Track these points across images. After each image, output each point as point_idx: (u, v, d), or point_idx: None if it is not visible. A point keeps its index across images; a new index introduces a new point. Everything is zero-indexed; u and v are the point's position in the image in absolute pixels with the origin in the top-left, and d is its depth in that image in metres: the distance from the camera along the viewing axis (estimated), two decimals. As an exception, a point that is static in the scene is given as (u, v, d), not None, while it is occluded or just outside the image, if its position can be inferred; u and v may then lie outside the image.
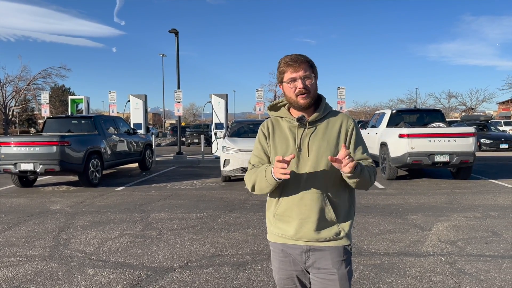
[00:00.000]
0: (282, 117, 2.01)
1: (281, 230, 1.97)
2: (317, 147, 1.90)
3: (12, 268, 4.25)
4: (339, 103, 15.19)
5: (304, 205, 1.89)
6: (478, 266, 4.15)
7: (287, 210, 1.93)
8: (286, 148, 1.94)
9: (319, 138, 1.92)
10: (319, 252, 1.91)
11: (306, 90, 1.88)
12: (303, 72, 1.88)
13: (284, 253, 1.98)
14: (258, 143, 2.04)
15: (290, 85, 1.90)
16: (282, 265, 2.00)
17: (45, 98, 17.38)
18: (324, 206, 1.89)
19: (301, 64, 1.88)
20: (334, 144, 1.91)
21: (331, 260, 1.90)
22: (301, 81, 1.88)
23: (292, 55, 1.92)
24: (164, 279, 3.91)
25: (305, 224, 1.89)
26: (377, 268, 4.11)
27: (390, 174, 9.89)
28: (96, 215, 6.62)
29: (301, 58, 1.90)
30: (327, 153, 1.88)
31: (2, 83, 36.99)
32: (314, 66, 1.95)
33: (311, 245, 1.91)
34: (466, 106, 50.65)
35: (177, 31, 16.28)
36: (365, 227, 5.66)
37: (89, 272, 4.10)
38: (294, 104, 1.93)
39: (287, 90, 1.93)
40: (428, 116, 11.28)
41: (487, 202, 7.23)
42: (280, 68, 1.93)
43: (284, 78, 1.92)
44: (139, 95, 15.97)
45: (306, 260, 1.93)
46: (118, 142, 11.19)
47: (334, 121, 1.96)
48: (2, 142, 9.21)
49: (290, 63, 1.89)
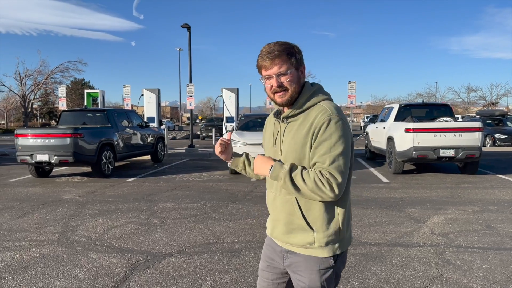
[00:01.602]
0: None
1: (267, 224, 2.02)
2: (287, 145, 1.78)
3: (22, 251, 4.56)
4: (350, 97, 15.24)
5: (276, 207, 1.85)
6: (465, 257, 4.27)
7: (268, 206, 1.95)
8: (268, 142, 1.94)
9: (291, 135, 1.77)
10: (295, 256, 1.82)
11: (282, 88, 1.73)
12: (277, 69, 1.71)
13: (268, 248, 1.98)
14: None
15: (266, 82, 1.77)
16: (265, 258, 1.99)
17: (62, 91, 17.89)
18: (293, 210, 1.77)
19: (275, 59, 1.70)
20: (301, 144, 1.72)
21: (305, 267, 1.79)
22: (275, 79, 1.72)
23: (268, 46, 1.73)
24: (161, 263, 4.15)
25: (277, 225, 1.86)
26: (364, 257, 4.28)
27: (396, 168, 9.96)
28: (105, 204, 6.93)
29: (276, 52, 1.70)
30: (293, 154, 1.74)
31: (22, 77, 37.96)
32: (297, 54, 1.75)
33: (285, 247, 1.85)
34: (486, 100, 49.73)
35: (189, 26, 16.52)
36: (361, 218, 5.81)
37: (92, 256, 4.38)
38: (272, 101, 1.82)
39: (265, 87, 1.79)
40: (436, 110, 11.26)
41: (488, 197, 7.28)
42: (257, 62, 1.77)
43: (261, 74, 1.78)
44: (152, 89, 16.30)
45: (284, 260, 1.87)
46: (131, 135, 11.52)
47: (310, 117, 1.73)
48: (19, 134, 9.62)
49: (264, 58, 1.72)
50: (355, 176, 9.85)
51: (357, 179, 9.35)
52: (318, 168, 1.67)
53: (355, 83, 15.33)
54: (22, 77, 38.36)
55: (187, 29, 16.63)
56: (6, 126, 47.70)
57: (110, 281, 3.71)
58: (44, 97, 45.97)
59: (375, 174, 10.11)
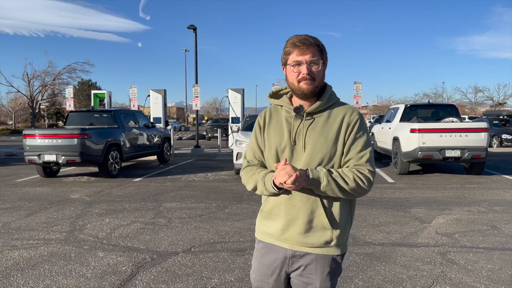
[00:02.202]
0: (282, 106, 1.85)
1: (267, 229, 1.84)
2: (313, 142, 1.72)
3: (30, 250, 4.63)
4: (355, 98, 15.22)
5: (293, 205, 1.74)
6: (469, 257, 4.28)
7: (275, 208, 1.80)
8: (279, 140, 1.78)
9: (317, 132, 1.73)
10: (305, 258, 1.76)
11: (311, 76, 1.69)
12: (310, 56, 1.68)
13: (267, 255, 1.85)
14: (254, 135, 1.88)
15: (294, 69, 1.70)
16: (260, 266, 1.87)
17: (70, 92, 18.04)
18: (315, 209, 1.72)
19: (310, 47, 1.68)
20: (333, 141, 1.72)
21: (315, 269, 1.75)
22: (306, 66, 1.68)
23: (301, 35, 1.71)
24: (166, 262, 4.20)
25: (292, 225, 1.75)
26: (368, 256, 4.30)
27: (401, 169, 9.95)
28: (112, 204, 7.00)
29: (311, 40, 1.70)
30: (323, 150, 1.71)
31: (29, 78, 38.32)
32: (325, 51, 1.75)
33: (297, 249, 1.76)
34: (493, 101, 49.41)
35: (195, 27, 16.60)
36: (366, 219, 5.82)
37: (99, 255, 4.44)
38: (295, 90, 1.74)
39: (289, 74, 1.74)
40: (442, 111, 11.24)
41: (494, 197, 7.26)
42: (286, 48, 1.73)
43: (289, 60, 1.72)
44: (158, 90, 16.40)
45: (290, 266, 1.79)
46: (137, 135, 11.61)
47: (337, 114, 1.75)
48: (27, 135, 9.74)
49: (297, 44, 1.68)
50: (361, 176, 9.84)
51: (363, 180, 9.33)
52: (355, 165, 1.72)
53: (361, 84, 15.32)
54: (30, 78, 38.75)
55: (193, 30, 16.71)
56: (14, 126, 48.14)
57: (116, 279, 3.77)
58: (51, 98, 46.33)
59: (380, 175, 10.11)
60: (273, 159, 1.79)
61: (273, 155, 1.79)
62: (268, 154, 1.81)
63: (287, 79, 1.77)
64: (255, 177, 1.79)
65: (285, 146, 1.76)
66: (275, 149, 1.78)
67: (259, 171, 1.79)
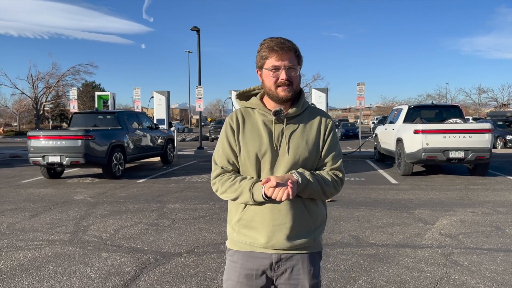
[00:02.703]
0: (253, 109, 1.80)
1: (248, 238, 1.75)
2: (295, 145, 1.72)
3: (35, 251, 4.66)
4: (359, 99, 15.21)
5: (279, 211, 1.70)
6: (473, 258, 4.27)
7: (257, 215, 1.72)
8: (259, 145, 1.72)
9: (298, 135, 1.74)
10: (291, 261, 1.76)
11: (290, 82, 1.69)
12: (288, 62, 1.68)
13: (248, 264, 1.77)
14: (225, 139, 1.78)
15: (272, 73, 1.69)
16: (241, 278, 1.77)
17: (74, 94, 18.11)
18: (301, 212, 1.73)
19: (288, 52, 1.68)
20: (314, 144, 1.75)
21: (303, 269, 1.76)
22: (285, 72, 1.67)
23: (278, 38, 1.70)
24: (170, 262, 4.22)
25: (279, 231, 1.71)
26: (372, 257, 4.29)
27: (405, 170, 9.93)
28: (115, 205, 7.02)
29: (289, 44, 1.70)
30: (305, 154, 1.72)
31: (34, 79, 38.52)
32: (301, 56, 1.75)
33: (283, 253, 1.74)
34: (497, 101, 49.23)
35: (199, 28, 16.65)
36: (369, 220, 5.82)
37: (103, 256, 4.46)
38: (271, 95, 1.73)
39: (266, 78, 1.72)
40: (446, 112, 11.22)
41: (498, 198, 7.24)
42: (263, 52, 1.70)
43: (266, 64, 1.70)
44: (162, 91, 16.43)
45: (275, 271, 1.76)
46: (141, 136, 11.65)
47: (313, 119, 1.79)
48: (32, 136, 9.79)
49: (275, 48, 1.67)
50: (364, 178, 9.85)
51: (366, 181, 9.34)
52: (331, 168, 1.78)
53: (364, 85, 15.31)
54: (34, 80, 38.99)
55: (196, 31, 16.76)
56: (18, 128, 48.37)
57: (120, 280, 3.78)
58: (55, 99, 46.59)
59: (384, 176, 10.09)
60: (252, 165, 1.73)
61: (252, 161, 1.73)
62: (246, 159, 1.74)
63: (263, 83, 1.75)
64: (236, 186, 1.71)
65: (266, 151, 1.71)
66: (254, 155, 1.72)
67: (239, 179, 1.72)
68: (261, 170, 1.73)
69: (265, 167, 1.72)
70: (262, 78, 1.75)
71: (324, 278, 3.79)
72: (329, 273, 3.90)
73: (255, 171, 1.74)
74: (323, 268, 4.01)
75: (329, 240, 4.92)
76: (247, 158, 1.73)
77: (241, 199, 1.71)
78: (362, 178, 9.83)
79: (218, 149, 1.80)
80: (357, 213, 6.21)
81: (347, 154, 14.95)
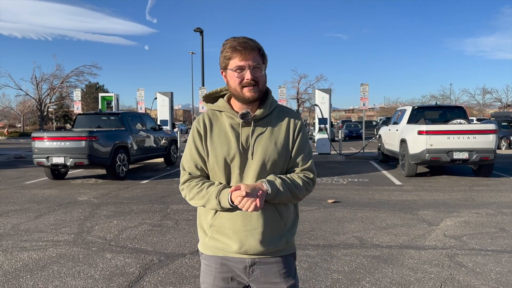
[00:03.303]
0: (221, 111, 1.76)
1: (220, 243, 1.72)
2: (263, 148, 1.68)
3: (39, 251, 4.68)
4: (362, 100, 15.19)
5: (250, 216, 1.66)
6: (477, 259, 4.25)
7: (228, 222, 1.69)
8: (227, 149, 1.68)
9: (266, 138, 1.70)
10: (265, 265, 1.73)
11: (255, 82, 1.66)
12: (252, 62, 1.64)
13: (223, 268, 1.75)
14: (192, 143, 1.75)
15: (236, 74, 1.65)
16: (217, 281, 1.76)
17: (77, 95, 18.18)
18: (273, 215, 1.70)
19: (252, 51, 1.65)
20: (283, 145, 1.71)
21: (278, 272, 1.74)
22: (249, 72, 1.64)
23: (240, 38, 1.67)
24: (174, 263, 4.22)
25: (251, 236, 1.68)
26: (376, 259, 4.28)
27: (409, 171, 9.91)
28: (119, 206, 7.04)
29: (252, 44, 1.66)
30: (274, 156, 1.68)
31: (38, 81, 38.71)
32: (265, 55, 1.71)
33: (257, 257, 1.72)
34: (501, 102, 49.08)
35: (202, 30, 16.69)
36: (373, 221, 5.81)
37: (107, 256, 4.47)
38: (237, 96, 1.69)
39: (231, 79, 1.68)
40: (450, 112, 11.19)
41: (503, 200, 7.21)
42: (226, 53, 1.67)
43: (230, 65, 1.67)
44: (165, 92, 16.47)
45: (250, 275, 1.73)
46: (144, 137, 11.67)
47: (281, 119, 1.76)
48: (36, 137, 9.83)
49: (238, 48, 1.64)
50: (368, 179, 9.83)
51: (370, 182, 9.33)
52: (302, 169, 1.75)
53: (367, 85, 15.29)
54: (38, 81, 39.20)
55: (199, 33, 16.79)
56: (22, 129, 48.60)
57: (124, 281, 3.79)
58: (59, 100, 46.78)
59: (387, 177, 10.07)
60: (220, 170, 1.70)
61: (220, 166, 1.69)
62: (214, 164, 1.70)
63: (228, 84, 1.71)
64: (204, 193, 1.67)
65: (234, 155, 1.67)
66: (222, 159, 1.68)
67: (207, 185, 1.68)
68: (231, 175, 1.70)
69: (234, 172, 1.68)
70: (227, 79, 1.72)
71: (328, 279, 3.78)
72: (333, 274, 3.90)
73: (224, 176, 1.70)
74: (327, 270, 4.01)
75: (333, 241, 4.91)
76: (215, 163, 1.69)
77: (208, 206, 1.68)
78: (365, 179, 9.81)
79: (186, 154, 1.77)
80: (361, 214, 6.20)
81: (351, 155, 14.93)
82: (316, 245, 4.75)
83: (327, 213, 6.27)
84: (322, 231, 5.32)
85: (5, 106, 53.88)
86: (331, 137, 16.10)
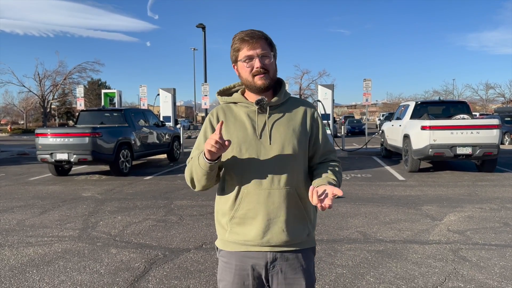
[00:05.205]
0: (235, 103, 1.77)
1: (240, 236, 1.69)
2: (282, 135, 1.68)
3: (45, 247, 4.71)
4: (365, 95, 15.17)
5: (272, 203, 1.64)
6: (481, 254, 4.26)
7: (250, 211, 1.66)
8: (243, 136, 1.68)
9: (283, 124, 1.71)
10: (286, 261, 1.70)
11: (265, 69, 1.67)
12: (260, 50, 1.66)
13: (243, 264, 1.71)
14: (203, 136, 1.75)
15: (246, 64, 1.67)
16: (236, 279, 1.71)
17: (80, 92, 18.21)
18: (295, 203, 1.68)
19: (259, 40, 1.67)
20: (301, 132, 1.72)
21: (298, 267, 1.71)
22: (258, 60, 1.66)
23: (247, 30, 1.70)
24: (179, 258, 4.25)
25: (273, 225, 1.65)
26: (380, 253, 4.30)
27: (412, 166, 9.90)
28: (123, 202, 7.07)
29: (259, 33, 1.68)
30: (293, 142, 1.68)
31: (40, 78, 38.76)
32: (273, 44, 1.74)
33: (278, 250, 1.68)
34: (504, 97, 48.88)
35: (204, 26, 16.66)
36: (377, 216, 5.82)
37: (112, 251, 4.50)
38: (250, 86, 1.71)
39: (242, 70, 1.70)
40: (453, 108, 11.16)
41: (506, 195, 7.20)
42: (235, 45, 1.69)
43: (239, 56, 1.69)
44: (168, 89, 16.47)
45: (270, 271, 1.70)
46: (147, 134, 11.70)
47: (297, 108, 1.77)
48: (39, 134, 9.87)
49: (246, 38, 1.66)
50: (371, 174, 9.83)
51: (373, 177, 9.33)
52: (331, 156, 1.81)
53: (370, 81, 15.26)
54: (41, 78, 39.24)
55: (202, 29, 16.77)
56: (25, 126, 48.73)
57: (130, 275, 3.82)
58: (62, 97, 46.85)
59: (391, 172, 10.07)
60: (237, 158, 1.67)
61: (237, 153, 1.67)
62: (231, 152, 1.67)
63: (240, 76, 1.73)
64: (190, 165, 1.69)
65: (250, 141, 1.66)
66: (238, 146, 1.66)
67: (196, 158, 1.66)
68: (249, 162, 1.67)
69: (251, 159, 1.66)
70: (238, 72, 1.73)
71: (332, 273, 3.80)
72: (337, 268, 3.91)
73: (241, 164, 1.67)
74: (331, 264, 4.02)
75: (337, 236, 4.93)
76: (230, 150, 1.65)
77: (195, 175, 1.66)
78: (369, 174, 9.81)
79: (194, 147, 1.75)
80: (364, 210, 6.21)
81: (353, 150, 14.92)
82: (320, 240, 4.76)
83: (330, 209, 6.28)
84: (325, 226, 5.33)
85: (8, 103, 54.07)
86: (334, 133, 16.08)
